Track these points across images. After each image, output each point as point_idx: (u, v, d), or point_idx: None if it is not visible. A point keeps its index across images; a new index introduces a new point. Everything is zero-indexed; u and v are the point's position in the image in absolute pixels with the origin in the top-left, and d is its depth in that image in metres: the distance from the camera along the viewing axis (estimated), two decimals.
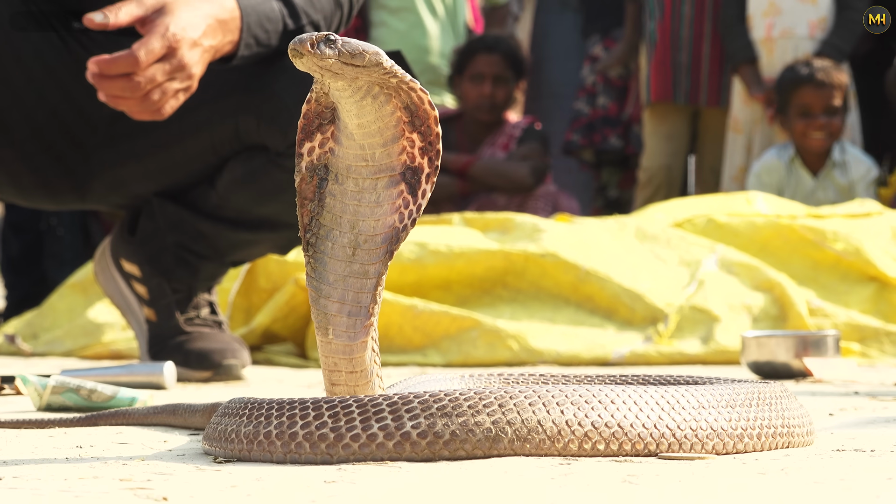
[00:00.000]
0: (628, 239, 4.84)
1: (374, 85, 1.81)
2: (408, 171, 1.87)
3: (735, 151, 6.89)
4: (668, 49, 6.96)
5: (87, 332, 4.86)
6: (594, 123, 7.46)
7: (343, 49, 1.75)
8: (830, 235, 4.83)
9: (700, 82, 6.97)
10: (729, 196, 5.67)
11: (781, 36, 6.76)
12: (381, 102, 1.83)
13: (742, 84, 6.80)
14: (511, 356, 4.30)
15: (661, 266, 4.70)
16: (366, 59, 1.76)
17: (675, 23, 6.95)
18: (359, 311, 1.87)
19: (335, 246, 1.88)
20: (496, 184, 6.96)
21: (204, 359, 3.50)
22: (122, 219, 3.68)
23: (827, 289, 4.72)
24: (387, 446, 1.73)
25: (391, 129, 1.85)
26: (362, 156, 1.86)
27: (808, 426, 2.01)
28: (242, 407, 1.83)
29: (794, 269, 4.77)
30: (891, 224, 5.01)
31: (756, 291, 4.58)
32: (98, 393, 2.62)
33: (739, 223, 4.96)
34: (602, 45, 7.50)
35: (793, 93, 6.40)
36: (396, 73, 1.80)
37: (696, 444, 1.83)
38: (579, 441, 1.77)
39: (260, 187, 3.40)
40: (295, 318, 4.51)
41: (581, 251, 4.64)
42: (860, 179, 6.39)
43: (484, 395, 1.76)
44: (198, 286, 3.62)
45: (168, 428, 2.30)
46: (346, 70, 1.77)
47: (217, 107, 3.38)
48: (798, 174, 6.44)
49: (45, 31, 3.40)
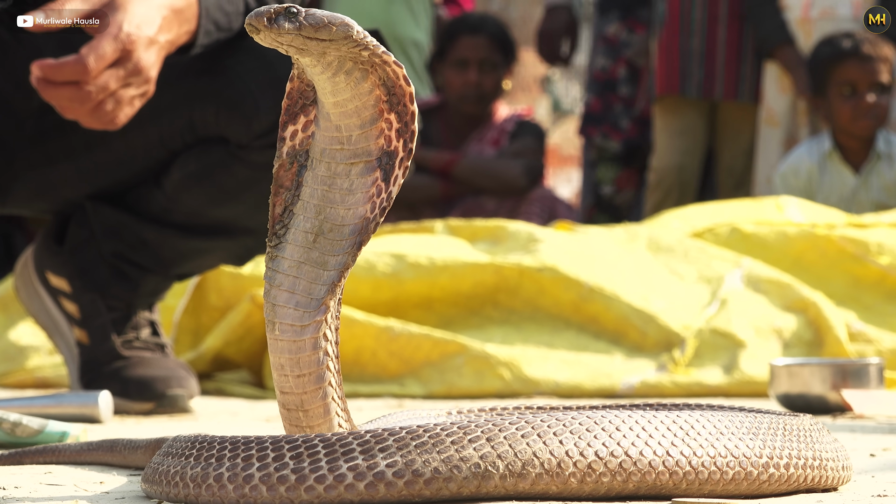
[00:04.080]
0: (639, 251, 4.85)
1: (345, 60, 1.83)
2: (384, 155, 1.90)
3: (770, 148, 6.88)
4: (676, 34, 6.97)
5: (8, 356, 4.85)
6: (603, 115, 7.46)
7: (305, 22, 1.77)
8: (874, 248, 4.84)
9: (716, 72, 6.98)
10: (757, 202, 5.67)
11: (821, 17, 6.77)
12: (356, 79, 1.85)
13: (781, 69, 6.79)
14: (502, 386, 4.31)
15: (677, 283, 4.71)
16: (332, 31, 1.78)
17: (685, 2, 6.95)
18: (309, 303, 1.89)
19: (297, 231, 1.91)
20: (484, 185, 6.96)
21: (145, 388, 3.50)
22: (47, 227, 3.68)
23: (870, 310, 4.73)
24: (357, 488, 1.73)
25: (369, 108, 1.88)
26: (338, 138, 1.90)
27: (843, 461, 2.01)
28: (189, 446, 1.84)
29: (832, 287, 4.78)
30: None
31: (787, 313, 4.59)
32: (23, 427, 2.63)
33: (769, 233, 4.97)
34: (623, 25, 7.49)
35: (834, 69, 6.37)
36: (368, 44, 1.82)
37: (714, 473, 1.83)
38: (581, 475, 1.77)
39: (217, 186, 3.41)
40: (251, 341, 4.51)
41: (584, 265, 4.65)
42: None
43: (469, 427, 1.76)
44: (138, 303, 3.62)
45: (104, 467, 2.31)
46: (311, 45, 1.79)
47: (167, 93, 3.37)
48: (836, 171, 6.43)
49: None
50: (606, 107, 7.49)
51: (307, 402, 1.90)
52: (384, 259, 4.57)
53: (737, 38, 6.98)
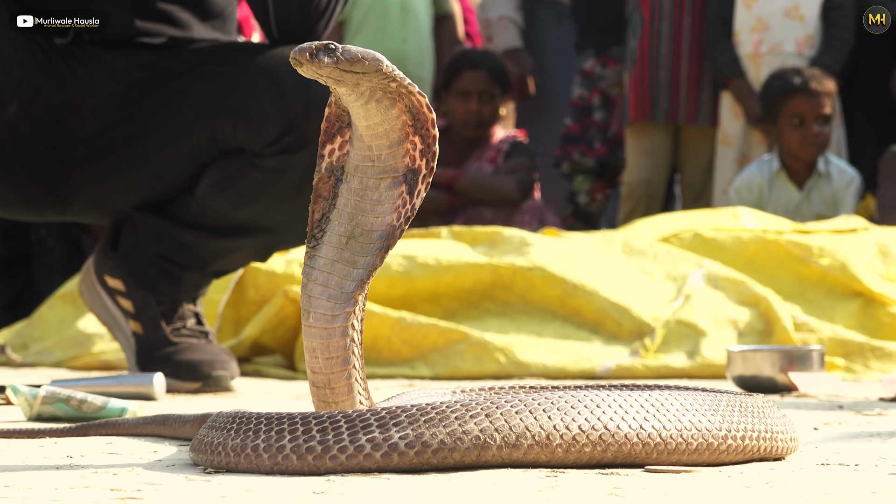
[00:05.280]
0: (615, 253, 4.84)
1: (376, 90, 1.84)
2: (409, 172, 1.91)
3: (725, 166, 6.90)
4: (646, 68, 6.98)
5: (76, 342, 4.85)
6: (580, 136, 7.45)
7: (342, 56, 1.78)
8: (816, 251, 4.83)
9: (679, 100, 6.98)
10: (716, 211, 5.67)
11: (769, 52, 6.77)
12: (385, 106, 1.86)
13: (733, 98, 6.80)
14: (498, 369, 4.30)
15: (647, 280, 4.70)
16: (365, 65, 1.79)
17: (653, 41, 6.96)
18: (340, 295, 1.89)
19: (332, 234, 1.91)
20: (483, 198, 6.96)
21: (193, 370, 3.49)
22: (104, 236, 3.67)
23: (812, 304, 4.72)
24: (374, 457, 1.72)
25: (397, 131, 1.88)
26: (370, 157, 1.90)
27: (791, 434, 2.01)
28: (230, 420, 1.83)
29: (779, 285, 4.77)
30: (876, 240, 5.01)
31: (742, 306, 4.58)
32: (88, 403, 2.62)
33: (726, 238, 4.97)
34: (597, 61, 7.50)
35: (785, 102, 6.37)
36: (396, 77, 1.83)
37: (680, 444, 1.83)
38: (567, 445, 1.76)
39: (237, 191, 3.40)
40: (284, 329, 4.50)
41: (568, 265, 4.64)
42: (844, 190, 6.39)
43: (470, 405, 1.76)
44: (182, 297, 3.61)
45: (158, 438, 2.30)
46: (346, 77, 1.80)
47: (193, 114, 3.38)
48: (783, 187, 6.43)
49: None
50: (583, 129, 7.49)
51: (334, 381, 1.90)
52: (397, 260, 4.56)
53: (697, 71, 6.97)
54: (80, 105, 3.45)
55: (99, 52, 3.45)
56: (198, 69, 3.43)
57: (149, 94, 3.45)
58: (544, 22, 7.87)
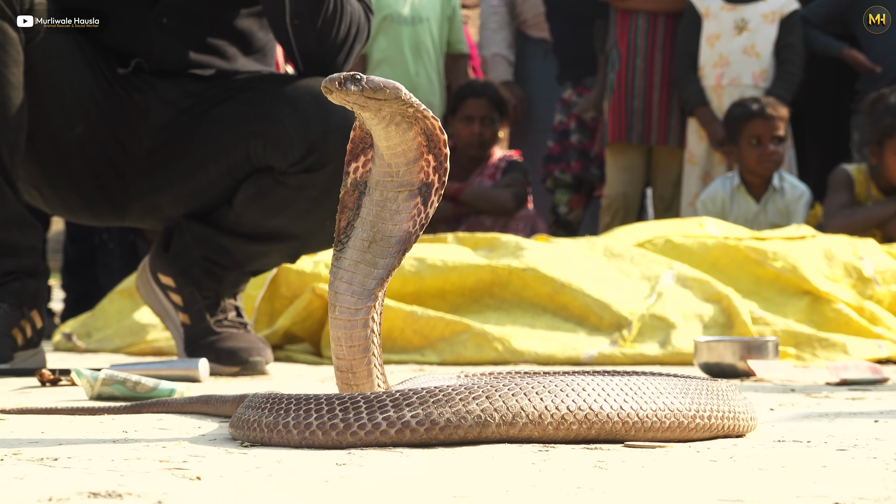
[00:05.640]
0: (598, 256, 4.83)
1: (395, 114, 1.84)
2: (423, 186, 1.91)
3: (691, 181, 6.90)
4: (623, 97, 6.98)
5: (133, 331, 4.85)
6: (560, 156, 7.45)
7: (366, 85, 1.79)
8: (771, 255, 4.82)
9: (652, 125, 6.98)
10: (684, 220, 5.65)
11: (729, 84, 6.77)
12: (403, 129, 1.86)
13: (698, 123, 6.81)
14: (496, 356, 4.29)
15: (625, 280, 4.69)
16: (386, 92, 1.80)
17: (629, 74, 6.96)
18: (362, 292, 1.89)
19: (356, 239, 1.91)
20: (483, 208, 6.95)
21: (233, 356, 3.48)
22: (158, 240, 3.67)
23: (767, 301, 4.71)
24: (389, 433, 1.72)
25: (413, 151, 1.88)
26: (389, 173, 1.90)
27: (751, 414, 2.00)
28: (264, 400, 1.83)
29: (739, 284, 4.76)
30: (822, 246, 5.00)
31: (707, 303, 4.57)
32: (142, 385, 2.61)
33: (693, 244, 4.95)
34: (574, 91, 7.50)
35: (744, 125, 6.37)
36: (413, 103, 1.84)
37: (656, 423, 1.82)
38: (556, 424, 1.76)
39: (267, 203, 3.39)
40: (311, 321, 4.49)
41: (557, 267, 4.63)
42: (795, 202, 6.39)
43: (473, 388, 1.76)
44: (224, 293, 3.60)
45: (202, 416, 2.29)
46: (370, 103, 1.81)
47: (231, 136, 3.38)
48: (743, 200, 6.43)
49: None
50: (563, 150, 7.48)
51: (356, 366, 1.90)
52: (410, 261, 4.55)
53: (667, 100, 6.97)
54: (137, 127, 3.44)
55: (154, 81, 3.45)
56: (236, 97, 3.43)
57: (195, 119, 3.44)
58: (532, 58, 7.86)
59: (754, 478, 1.49)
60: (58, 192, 3.49)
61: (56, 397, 2.68)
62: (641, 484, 1.43)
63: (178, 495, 1.33)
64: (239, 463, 1.60)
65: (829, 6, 6.76)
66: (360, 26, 3.36)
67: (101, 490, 1.35)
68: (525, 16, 7.80)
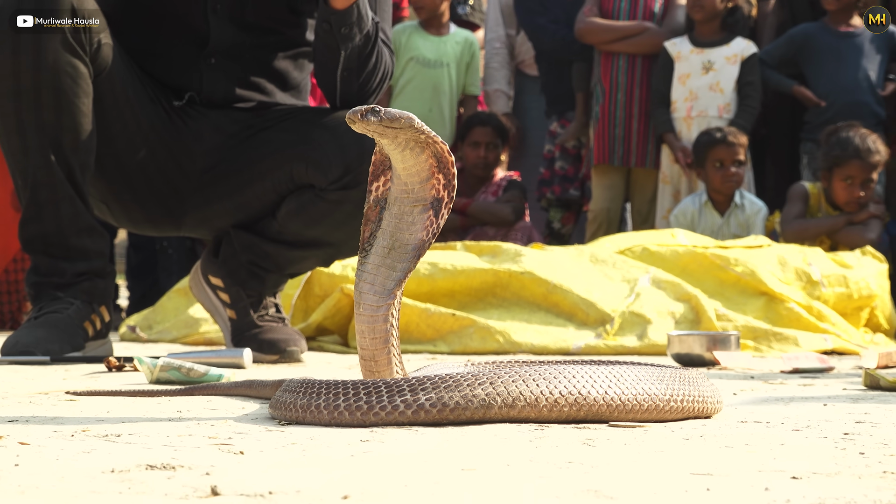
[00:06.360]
0: (584, 262, 4.81)
1: (410, 140, 1.83)
2: (435, 201, 1.89)
3: (664, 198, 6.89)
4: (606, 126, 6.98)
5: (187, 324, 4.84)
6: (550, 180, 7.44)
7: (384, 116, 1.78)
8: (733, 261, 4.80)
9: (631, 149, 6.97)
10: (658, 231, 5.63)
11: (698, 116, 6.76)
12: (417, 153, 1.85)
13: (668, 148, 6.82)
14: (498, 347, 4.28)
15: (608, 282, 4.67)
16: (402, 122, 1.79)
17: (612, 106, 6.96)
18: (383, 292, 1.87)
19: (377, 247, 1.90)
20: (487, 220, 6.95)
21: (273, 346, 3.47)
22: (209, 246, 3.66)
23: (730, 300, 4.69)
24: (406, 414, 1.70)
25: (425, 171, 1.87)
26: (405, 190, 1.89)
27: (717, 398, 1.98)
28: (299, 385, 1.81)
29: (705, 286, 4.74)
30: (776, 253, 4.99)
31: (678, 302, 4.55)
32: (194, 371, 2.59)
33: (666, 251, 4.93)
34: (559, 124, 7.49)
35: (709, 150, 6.37)
36: (424, 131, 1.83)
37: (636, 406, 1.80)
38: (550, 406, 1.74)
39: (307, 216, 3.37)
40: (340, 316, 4.49)
41: (550, 270, 4.62)
42: (754, 216, 6.38)
43: (478, 375, 1.74)
44: (265, 292, 3.59)
45: (245, 398, 2.27)
46: (388, 131, 1.80)
47: (276, 158, 3.37)
48: (709, 214, 6.42)
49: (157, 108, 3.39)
50: (552, 174, 7.47)
51: (377, 356, 1.89)
52: (423, 265, 4.54)
53: (644, 128, 6.95)
54: (191, 150, 3.43)
55: (206, 111, 3.44)
56: (280, 125, 3.42)
57: (242, 143, 3.43)
58: (528, 93, 7.85)
59: (721, 454, 1.47)
60: (123, 206, 3.48)
61: (121, 381, 2.66)
62: (624, 459, 1.41)
63: (223, 468, 1.31)
64: (277, 439, 1.58)
65: (782, 50, 6.79)
66: (390, 72, 3.37)
67: (157, 463, 1.33)
68: (522, 56, 7.79)
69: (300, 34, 3.48)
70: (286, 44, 3.48)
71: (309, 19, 3.46)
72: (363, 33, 3.22)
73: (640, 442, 1.58)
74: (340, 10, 3.15)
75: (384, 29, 3.36)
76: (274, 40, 3.46)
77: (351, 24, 3.17)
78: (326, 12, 3.17)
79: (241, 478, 1.23)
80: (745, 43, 6.79)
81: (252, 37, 3.42)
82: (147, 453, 1.42)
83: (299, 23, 3.46)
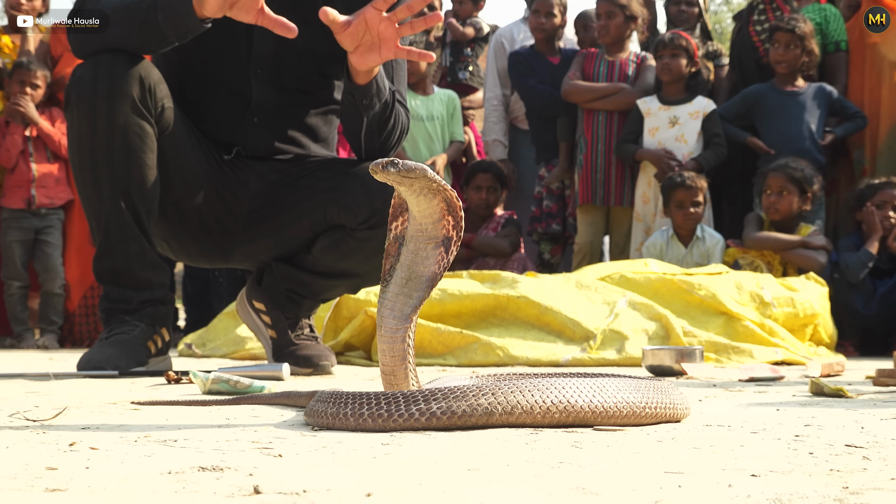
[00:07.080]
0: (571, 287, 4.80)
1: (424, 188, 1.82)
2: (445, 239, 1.88)
3: (637, 233, 6.88)
4: (589, 171, 6.99)
5: (235, 342, 4.83)
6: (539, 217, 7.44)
7: (402, 168, 1.77)
8: (696, 286, 4.79)
9: (610, 191, 6.98)
10: (633, 261, 5.62)
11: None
12: (430, 198, 1.83)
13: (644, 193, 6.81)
14: (498, 360, 4.26)
15: (591, 305, 4.65)
16: (416, 173, 1.78)
17: (594, 155, 6.98)
18: (401, 316, 1.85)
19: (396, 278, 1.88)
20: (488, 252, 6.94)
21: (307, 361, 3.45)
22: (252, 276, 3.65)
23: (695, 319, 4.67)
24: (421, 421, 1.68)
25: (437, 213, 1.86)
26: (420, 229, 1.87)
27: (685, 404, 1.95)
28: (329, 396, 1.79)
29: (674, 307, 4.72)
30: (733, 279, 4.97)
31: (651, 321, 4.54)
32: (241, 383, 2.57)
33: (640, 278, 4.92)
34: (546, 169, 7.50)
35: (672, 193, 6.38)
36: (436, 180, 1.81)
37: (617, 412, 1.78)
38: (543, 413, 1.71)
39: (339, 251, 3.36)
40: (364, 335, 4.48)
41: (542, 295, 4.61)
42: (713, 248, 6.37)
43: (482, 386, 1.73)
44: (301, 315, 3.57)
45: (284, 407, 2.25)
46: (405, 181, 1.78)
47: (312, 202, 3.36)
48: (675, 246, 6.41)
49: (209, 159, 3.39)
50: (541, 212, 7.46)
51: (396, 371, 1.87)
52: (435, 292, 4.53)
53: (621, 173, 6.96)
54: (239, 195, 3.43)
55: (250, 162, 3.44)
56: (314, 174, 3.41)
57: (282, 189, 3.43)
58: (521, 145, 7.87)
59: (690, 454, 1.45)
60: (181, 244, 3.48)
61: (178, 392, 2.65)
62: (607, 459, 1.39)
63: (265, 469, 1.29)
64: (310, 443, 1.57)
65: (737, 106, 6.81)
66: (406, 129, 3.37)
67: (207, 465, 1.31)
68: (516, 113, 7.83)
69: (329, 94, 3.48)
70: (317, 102, 3.48)
71: (336, 81, 3.46)
72: (382, 102, 3.22)
73: (621, 444, 1.56)
74: (362, 86, 3.16)
75: (400, 92, 3.37)
76: (307, 100, 3.46)
77: (371, 95, 3.18)
78: (350, 87, 3.18)
79: (279, 478, 1.22)
80: (706, 101, 6.80)
81: (288, 97, 3.42)
82: (199, 456, 1.40)
83: (328, 84, 3.46)
